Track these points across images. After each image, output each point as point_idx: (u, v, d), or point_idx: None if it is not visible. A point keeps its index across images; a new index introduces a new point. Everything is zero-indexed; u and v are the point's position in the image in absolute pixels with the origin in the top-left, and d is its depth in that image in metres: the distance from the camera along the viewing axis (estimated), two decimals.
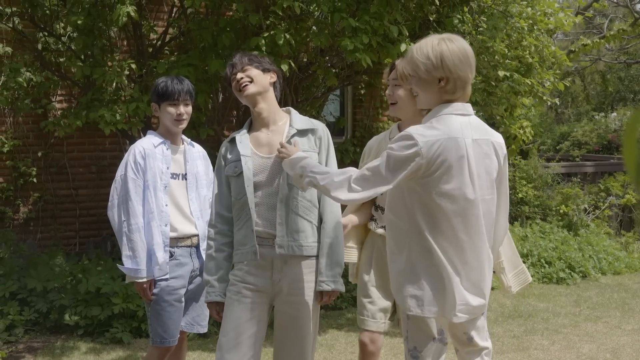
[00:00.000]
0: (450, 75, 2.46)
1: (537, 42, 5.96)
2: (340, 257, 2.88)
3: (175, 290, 3.33)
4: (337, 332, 5.45)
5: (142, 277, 3.26)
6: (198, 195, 3.44)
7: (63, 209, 6.76)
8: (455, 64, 2.45)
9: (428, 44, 2.50)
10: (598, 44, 11.60)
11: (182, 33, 5.90)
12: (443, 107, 2.51)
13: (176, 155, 3.41)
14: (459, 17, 5.34)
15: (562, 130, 15.78)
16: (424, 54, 2.48)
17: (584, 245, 7.82)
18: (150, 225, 3.26)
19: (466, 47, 2.52)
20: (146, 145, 3.33)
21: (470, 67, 2.51)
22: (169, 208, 3.32)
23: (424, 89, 2.52)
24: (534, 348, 5.09)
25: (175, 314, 3.33)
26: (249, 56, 2.95)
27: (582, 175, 9.38)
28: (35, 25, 5.66)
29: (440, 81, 2.47)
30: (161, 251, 3.26)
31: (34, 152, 6.65)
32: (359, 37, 4.77)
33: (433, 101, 2.53)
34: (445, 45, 2.47)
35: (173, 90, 3.31)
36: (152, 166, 3.29)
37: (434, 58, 2.46)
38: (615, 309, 6.17)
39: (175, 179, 3.38)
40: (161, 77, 3.42)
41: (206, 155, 3.60)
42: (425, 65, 2.47)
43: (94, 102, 5.25)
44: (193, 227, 3.38)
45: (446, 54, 2.46)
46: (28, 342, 5.12)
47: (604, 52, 17.81)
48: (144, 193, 3.28)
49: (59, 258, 5.92)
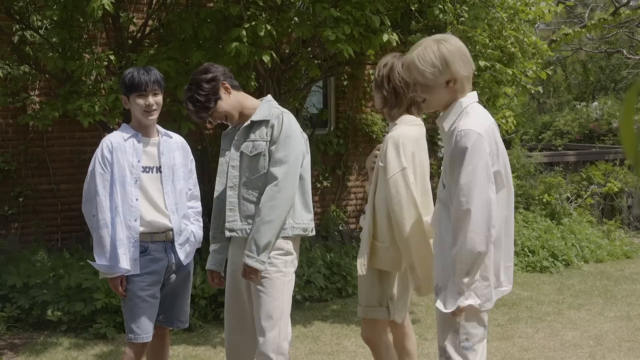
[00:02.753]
0: (457, 76, 2.54)
1: (517, 34, 5.97)
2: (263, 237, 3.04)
3: (149, 286, 3.26)
4: (323, 323, 5.44)
5: (112, 273, 3.21)
6: (174, 189, 3.33)
7: (44, 204, 6.68)
8: (459, 64, 2.53)
9: (429, 51, 2.53)
10: (579, 34, 11.66)
11: (162, 25, 5.84)
12: (463, 99, 2.58)
13: (149, 147, 3.30)
14: (440, 7, 5.32)
15: (544, 120, 15.87)
16: (428, 61, 2.52)
17: (566, 234, 7.88)
18: (114, 221, 3.18)
19: (462, 45, 2.59)
20: (114, 139, 3.25)
21: (471, 63, 2.60)
22: (140, 202, 3.23)
23: (432, 93, 2.58)
24: (518, 336, 5.12)
25: (149, 310, 3.26)
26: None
27: (564, 165, 9.44)
28: (11, 18, 5.57)
29: (448, 83, 2.54)
30: (123, 247, 3.17)
31: (13, 146, 6.55)
32: (341, 28, 4.74)
33: (444, 102, 2.60)
34: (445, 48, 2.52)
35: (140, 81, 3.19)
36: (120, 160, 3.19)
37: (440, 64, 2.51)
38: (598, 297, 6.23)
39: (149, 172, 3.28)
40: (129, 68, 3.32)
41: (185, 146, 3.48)
42: (432, 73, 2.52)
43: (72, 95, 5.19)
44: (167, 221, 3.29)
45: (449, 57, 2.52)
46: (10, 339, 5.06)
47: (585, 41, 17.92)
48: (111, 188, 3.20)
49: (40, 254, 5.85)
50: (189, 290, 3.50)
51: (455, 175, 2.47)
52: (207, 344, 4.97)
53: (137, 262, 3.23)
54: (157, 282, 3.30)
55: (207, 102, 3.08)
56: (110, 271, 3.21)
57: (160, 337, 3.47)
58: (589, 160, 9.72)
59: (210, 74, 3.09)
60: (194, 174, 3.51)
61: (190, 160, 3.48)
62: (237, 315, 3.23)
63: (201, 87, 3.08)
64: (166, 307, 3.40)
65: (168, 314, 3.42)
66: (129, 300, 3.24)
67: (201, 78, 3.08)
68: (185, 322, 3.50)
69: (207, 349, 4.88)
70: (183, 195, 3.38)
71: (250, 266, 3.02)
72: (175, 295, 3.42)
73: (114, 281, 3.23)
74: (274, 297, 3.08)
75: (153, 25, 6.01)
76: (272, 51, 5.02)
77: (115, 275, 3.21)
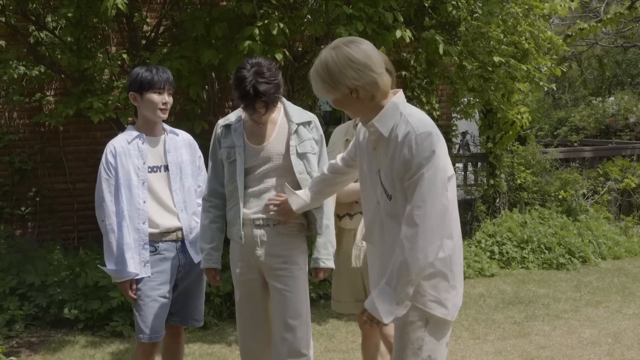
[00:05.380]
0: (353, 87, 2.33)
1: (532, 29, 5.93)
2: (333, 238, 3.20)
3: (159, 285, 3.24)
4: (338, 321, 5.44)
5: (121, 278, 3.21)
6: (182, 186, 3.31)
7: (61, 203, 6.73)
8: (352, 76, 2.30)
9: (319, 68, 2.35)
10: (595, 28, 11.54)
11: (175, 24, 5.86)
12: (395, 99, 2.40)
13: (154, 147, 3.28)
14: (453, 3, 5.29)
15: (560, 115, 15.72)
16: (320, 79, 2.35)
17: (583, 231, 7.80)
18: (121, 225, 3.17)
19: (361, 48, 2.33)
20: (118, 143, 3.23)
21: (375, 66, 2.33)
22: (149, 204, 3.21)
23: (345, 106, 2.42)
24: (535, 334, 5.09)
25: (158, 309, 3.24)
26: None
27: (580, 160, 9.36)
28: (26, 19, 5.61)
29: (351, 94, 2.35)
30: (130, 252, 3.16)
31: (30, 146, 6.62)
32: (354, 25, 4.73)
33: (366, 110, 2.41)
34: (331, 59, 2.32)
35: (160, 79, 3.20)
36: (124, 164, 3.18)
37: (329, 79, 2.32)
38: (616, 294, 6.17)
39: (156, 172, 3.26)
40: (139, 67, 3.29)
41: (192, 143, 3.45)
42: (326, 89, 2.36)
43: (87, 94, 5.23)
44: (176, 221, 3.27)
45: (334, 69, 2.31)
46: (28, 337, 5.11)
47: (600, 36, 17.74)
48: (117, 192, 3.19)
49: (56, 252, 5.90)
50: (203, 289, 3.48)
51: (413, 182, 2.29)
52: (222, 342, 4.99)
53: (148, 265, 3.21)
54: (168, 282, 3.28)
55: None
56: (118, 275, 3.21)
57: (176, 336, 3.47)
58: (605, 156, 9.62)
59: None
60: (203, 170, 3.47)
61: (198, 157, 3.44)
62: (251, 318, 3.19)
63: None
64: (180, 305, 3.39)
65: (182, 312, 3.41)
66: (139, 300, 3.24)
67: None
68: (199, 321, 3.48)
69: (222, 347, 4.90)
70: (192, 192, 3.36)
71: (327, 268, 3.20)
72: (189, 293, 3.40)
73: (123, 285, 3.22)
74: (300, 295, 3.08)
75: (166, 25, 6.04)
76: (285, 49, 5.02)
77: (123, 279, 3.20)
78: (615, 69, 20.00)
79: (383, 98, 2.39)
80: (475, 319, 5.47)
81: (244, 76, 2.89)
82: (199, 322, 3.49)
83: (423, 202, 2.27)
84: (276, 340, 3.10)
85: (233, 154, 3.06)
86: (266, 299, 3.18)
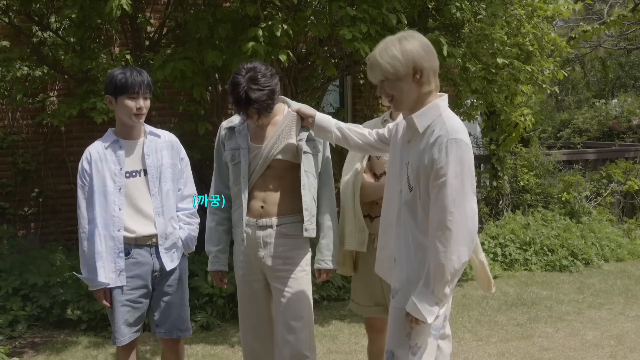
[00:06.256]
0: (421, 67, 2.48)
1: (536, 30, 5.92)
2: (336, 240, 3.18)
3: (130, 290, 3.17)
4: (340, 322, 5.44)
5: (93, 286, 3.15)
6: (160, 190, 3.19)
7: (64, 204, 6.74)
8: (421, 55, 2.48)
9: (390, 46, 2.50)
10: (598, 30, 11.53)
11: (179, 25, 5.86)
12: (439, 101, 2.53)
13: (133, 150, 3.17)
14: (457, 4, 5.28)
15: (563, 117, 15.72)
16: (390, 54, 2.48)
17: (586, 233, 7.79)
18: (93, 233, 3.09)
19: (425, 40, 2.54)
20: (94, 148, 3.15)
21: (436, 58, 2.55)
22: (125, 210, 3.11)
23: (399, 88, 2.52)
24: (538, 336, 5.08)
25: (127, 314, 3.18)
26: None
27: (583, 163, 9.35)
28: (30, 20, 5.62)
29: (415, 76, 2.49)
30: (102, 260, 3.09)
31: (33, 147, 6.63)
32: (358, 26, 4.72)
33: (413, 98, 2.54)
34: (406, 41, 2.50)
35: (133, 83, 3.05)
36: (100, 170, 3.10)
37: (401, 56, 2.47)
38: (619, 296, 6.16)
39: (135, 177, 3.16)
40: (116, 68, 3.16)
41: (175, 145, 3.30)
42: (394, 66, 2.47)
43: (89, 95, 5.24)
44: (152, 227, 3.17)
45: (410, 48, 2.47)
46: (31, 338, 5.12)
47: (604, 38, 17.72)
48: (91, 199, 3.11)
49: (59, 253, 5.91)
50: (185, 297, 3.36)
51: (439, 184, 2.42)
52: (225, 343, 4.99)
53: (123, 274, 3.14)
54: (140, 287, 3.20)
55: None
56: (91, 284, 3.16)
57: (173, 350, 3.36)
58: (608, 158, 9.61)
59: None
60: (185, 173, 3.33)
61: (180, 159, 3.31)
62: (254, 319, 3.19)
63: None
64: (164, 316, 3.28)
65: (166, 324, 3.29)
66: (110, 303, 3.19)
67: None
68: (185, 331, 3.34)
69: (225, 348, 4.89)
70: (170, 196, 3.24)
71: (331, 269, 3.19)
72: (170, 303, 3.28)
73: (97, 293, 3.17)
74: (303, 297, 3.08)
75: (170, 26, 6.05)
76: (289, 50, 5.02)
77: (95, 287, 3.15)
78: (619, 71, 19.98)
79: (431, 93, 2.54)
80: (478, 320, 5.46)
81: (238, 82, 2.90)
82: (185, 332, 3.34)
83: (455, 207, 2.40)
84: (278, 342, 3.10)
85: (237, 156, 3.07)
86: (269, 300, 3.18)
